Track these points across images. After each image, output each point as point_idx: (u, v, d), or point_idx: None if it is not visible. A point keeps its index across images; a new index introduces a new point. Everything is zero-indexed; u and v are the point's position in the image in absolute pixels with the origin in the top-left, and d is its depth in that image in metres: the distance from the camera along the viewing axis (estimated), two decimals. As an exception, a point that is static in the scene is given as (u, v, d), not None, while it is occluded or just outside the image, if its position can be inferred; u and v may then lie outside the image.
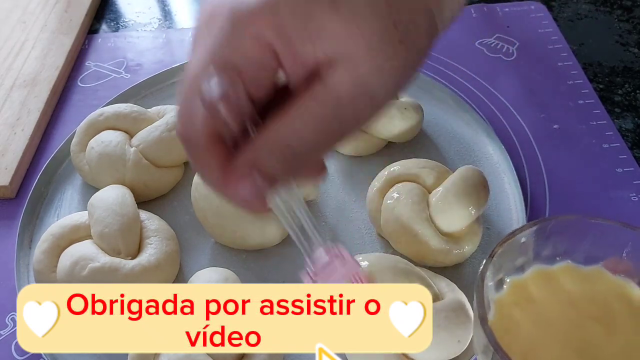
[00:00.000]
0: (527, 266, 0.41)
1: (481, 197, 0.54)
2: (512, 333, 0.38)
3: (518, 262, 0.41)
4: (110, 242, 0.53)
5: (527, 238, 0.40)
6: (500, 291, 0.40)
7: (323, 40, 0.29)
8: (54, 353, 0.51)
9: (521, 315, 0.39)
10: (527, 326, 0.38)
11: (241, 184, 0.31)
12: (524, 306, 0.39)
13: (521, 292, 0.40)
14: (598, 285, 0.40)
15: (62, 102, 0.76)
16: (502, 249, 0.39)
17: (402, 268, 0.49)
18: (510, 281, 0.41)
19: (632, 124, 0.69)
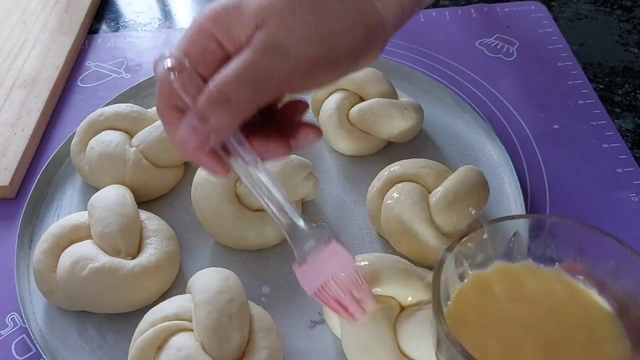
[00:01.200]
0: (489, 262, 0.42)
1: (481, 197, 0.54)
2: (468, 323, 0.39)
3: (480, 258, 0.42)
4: (110, 242, 0.53)
5: (488, 235, 0.42)
6: (462, 283, 0.41)
7: (250, 20, 0.37)
8: (53, 353, 0.51)
9: (478, 306, 0.40)
10: (482, 316, 0.40)
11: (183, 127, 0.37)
12: (482, 299, 0.41)
13: (482, 285, 0.41)
14: (554, 284, 0.41)
15: (62, 102, 0.76)
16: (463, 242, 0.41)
17: (402, 268, 0.49)
18: (473, 274, 0.42)
19: (632, 124, 0.69)
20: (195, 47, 0.39)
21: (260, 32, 0.37)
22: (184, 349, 0.45)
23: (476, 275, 0.42)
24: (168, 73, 0.38)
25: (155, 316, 0.48)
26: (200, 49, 0.39)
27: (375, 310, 0.47)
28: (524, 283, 0.42)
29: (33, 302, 0.55)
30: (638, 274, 0.38)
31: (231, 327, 0.46)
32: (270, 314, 0.50)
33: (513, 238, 0.42)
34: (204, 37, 0.39)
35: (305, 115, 0.42)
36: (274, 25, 0.36)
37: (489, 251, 0.42)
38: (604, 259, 0.40)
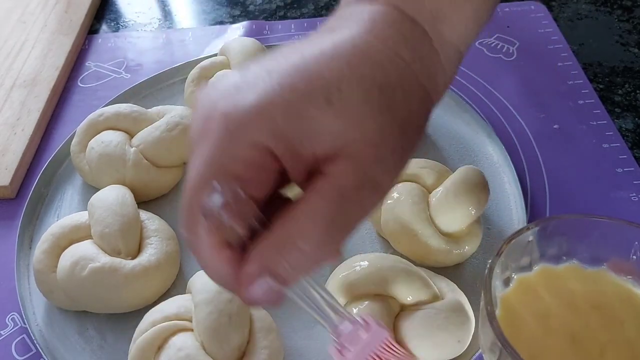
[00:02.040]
0: (534, 264, 0.41)
1: (481, 197, 0.54)
2: (518, 330, 0.38)
3: (524, 260, 0.41)
4: (111, 242, 0.53)
5: (533, 236, 0.40)
6: (506, 288, 0.40)
7: (321, 137, 0.30)
8: (53, 353, 0.51)
9: (526, 313, 0.39)
10: (533, 324, 0.39)
11: (254, 287, 0.31)
12: (529, 303, 0.40)
13: (527, 289, 0.40)
14: (602, 287, 0.40)
15: (62, 102, 0.76)
16: (509, 247, 0.39)
17: (402, 268, 0.49)
18: (516, 278, 0.41)
19: (632, 124, 0.69)
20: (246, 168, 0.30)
21: (343, 163, 0.30)
22: (184, 349, 0.45)
23: (520, 279, 0.40)
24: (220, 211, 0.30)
25: (155, 316, 0.48)
26: (254, 170, 0.31)
27: (375, 310, 0.47)
28: (570, 286, 0.40)
29: (33, 302, 0.55)
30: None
31: (231, 327, 0.46)
32: (270, 313, 0.50)
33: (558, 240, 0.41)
34: (255, 152, 0.30)
35: None
36: (361, 155, 0.30)
37: (535, 253, 0.41)
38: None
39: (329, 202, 0.30)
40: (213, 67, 0.70)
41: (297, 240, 0.30)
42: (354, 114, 0.30)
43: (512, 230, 0.58)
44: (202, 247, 0.32)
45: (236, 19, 0.89)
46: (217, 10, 0.91)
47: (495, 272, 0.38)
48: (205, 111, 0.31)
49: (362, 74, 0.31)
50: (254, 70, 0.32)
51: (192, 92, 0.69)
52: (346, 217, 0.31)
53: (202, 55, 0.79)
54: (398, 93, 0.31)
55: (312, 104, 0.30)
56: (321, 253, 0.31)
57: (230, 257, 0.32)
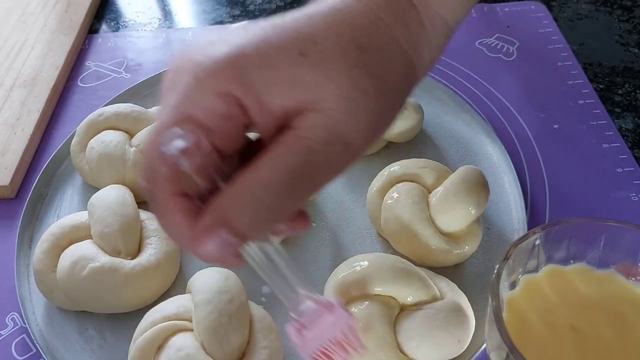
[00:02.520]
0: (541, 266, 0.41)
1: (481, 197, 0.54)
2: (524, 331, 0.38)
3: (531, 264, 0.41)
4: (110, 242, 0.53)
5: (540, 240, 0.40)
6: (512, 290, 0.40)
7: (291, 89, 0.29)
8: (53, 353, 0.51)
9: (533, 314, 0.39)
10: (539, 326, 0.38)
11: (208, 241, 0.29)
12: (536, 305, 0.39)
13: (534, 290, 0.40)
14: (610, 289, 0.40)
15: (62, 102, 0.76)
16: (516, 250, 0.39)
17: (402, 268, 0.49)
18: (523, 279, 0.40)
19: (632, 124, 0.69)
20: (212, 116, 0.29)
21: (313, 117, 0.29)
22: (184, 349, 0.45)
23: (527, 280, 0.40)
24: (180, 157, 0.29)
25: (155, 316, 0.48)
26: (221, 119, 0.30)
27: (375, 310, 0.47)
28: (577, 286, 0.40)
29: (33, 302, 0.55)
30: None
31: (231, 327, 0.46)
32: (270, 314, 0.50)
33: (567, 243, 0.41)
34: (223, 102, 0.29)
35: None
36: (332, 108, 0.29)
37: (541, 256, 0.41)
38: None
39: (295, 154, 0.29)
40: (213, 67, 0.70)
41: (256, 191, 0.29)
42: (328, 67, 0.29)
43: (512, 230, 0.58)
44: (159, 195, 0.31)
45: (236, 19, 0.89)
46: (217, 10, 0.91)
47: (503, 277, 0.38)
48: (177, 63, 0.31)
49: (340, 31, 0.30)
50: (231, 29, 0.31)
51: (192, 92, 0.69)
52: (312, 172, 0.29)
53: (202, 55, 0.79)
54: (376, 53, 0.30)
55: (286, 55, 0.29)
56: (281, 207, 0.29)
57: (187, 208, 0.30)
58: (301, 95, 0.29)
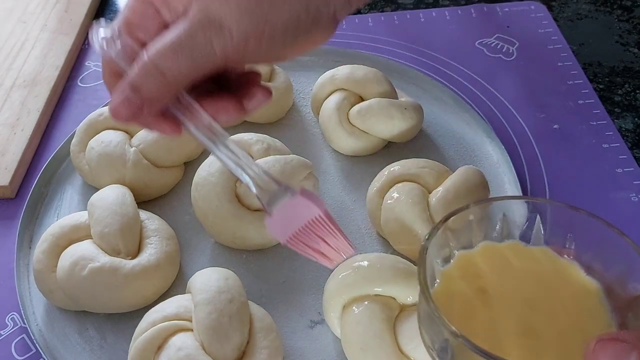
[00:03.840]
0: (476, 242, 0.42)
1: (481, 197, 0.54)
2: (455, 304, 0.38)
3: (465, 238, 0.42)
4: (110, 242, 0.53)
5: (475, 216, 0.41)
6: (447, 264, 0.41)
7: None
8: (53, 353, 0.51)
9: (466, 288, 0.40)
10: (471, 298, 0.39)
11: (115, 97, 0.38)
12: (470, 279, 0.40)
13: (467, 263, 0.41)
14: (543, 265, 0.41)
15: (62, 102, 0.76)
16: (447, 224, 0.40)
17: (402, 268, 0.49)
18: (458, 254, 0.41)
19: (632, 124, 0.69)
20: (134, 14, 0.39)
21: (196, 4, 0.37)
22: (184, 349, 0.45)
23: (461, 255, 0.41)
24: (102, 42, 0.39)
25: (155, 316, 0.48)
26: (138, 16, 0.39)
27: (375, 310, 0.47)
28: (510, 260, 0.41)
29: (33, 302, 0.55)
30: (625, 256, 0.38)
31: (231, 327, 0.46)
32: (270, 314, 0.50)
33: (500, 220, 0.42)
34: (142, 4, 0.39)
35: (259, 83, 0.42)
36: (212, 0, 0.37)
37: (476, 232, 0.42)
38: (592, 242, 0.40)
39: (178, 30, 0.37)
40: (213, 67, 0.70)
41: (152, 58, 0.37)
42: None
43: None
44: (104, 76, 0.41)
45: (236, 19, 0.88)
46: (217, 10, 0.91)
47: (431, 249, 0.39)
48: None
49: None
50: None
51: (192, 92, 0.69)
52: (192, 45, 0.37)
53: (202, 55, 0.79)
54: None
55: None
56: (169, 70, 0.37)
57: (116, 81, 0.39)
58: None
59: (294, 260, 0.57)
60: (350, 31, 0.83)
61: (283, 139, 0.63)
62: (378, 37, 0.82)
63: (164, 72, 0.37)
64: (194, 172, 0.59)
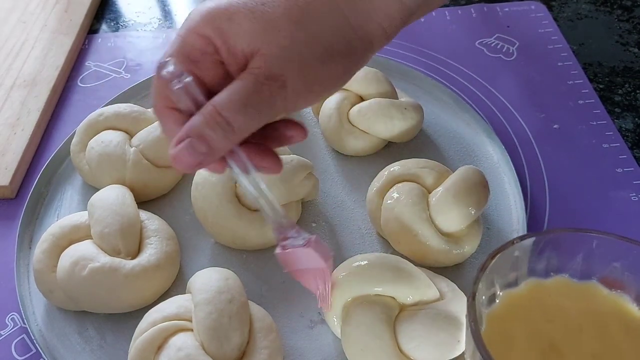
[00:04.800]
0: (521, 280, 0.40)
1: (481, 197, 0.54)
2: (505, 348, 0.37)
3: (511, 276, 0.40)
4: (110, 242, 0.53)
5: (519, 252, 0.39)
6: (492, 305, 0.39)
7: (243, 36, 0.39)
8: (53, 353, 0.51)
9: (514, 330, 0.38)
10: (520, 342, 0.38)
11: (179, 146, 0.38)
12: (517, 320, 0.39)
13: (515, 305, 0.39)
14: (593, 301, 0.40)
15: (62, 102, 0.76)
16: (494, 262, 0.38)
17: (402, 268, 0.49)
18: (503, 294, 0.40)
19: (632, 124, 0.69)
20: (193, 50, 0.40)
21: (259, 58, 0.38)
22: (184, 349, 0.45)
23: (507, 294, 0.40)
24: (171, 79, 0.39)
25: (155, 316, 0.48)
26: (198, 52, 0.40)
27: (375, 310, 0.47)
28: (558, 300, 0.40)
29: (33, 302, 0.55)
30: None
31: (231, 327, 0.46)
32: (270, 314, 0.50)
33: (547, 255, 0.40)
34: (202, 41, 0.40)
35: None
36: (271, 53, 0.38)
37: (522, 269, 0.40)
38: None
39: (245, 83, 0.38)
40: (213, 67, 0.70)
41: (218, 107, 0.38)
42: (270, 22, 0.38)
43: (512, 230, 0.58)
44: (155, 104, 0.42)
45: (236, 19, 0.88)
46: (217, 10, 0.91)
47: (480, 289, 0.37)
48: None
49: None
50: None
51: (192, 92, 0.69)
52: (259, 98, 0.38)
53: (202, 55, 0.79)
54: (312, 12, 0.39)
55: (241, 13, 0.39)
56: (237, 122, 0.38)
57: (174, 117, 0.40)
58: (253, 43, 0.39)
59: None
60: (350, 31, 0.83)
61: (283, 139, 0.63)
62: (378, 37, 0.82)
63: (232, 125, 0.38)
64: (194, 172, 0.59)
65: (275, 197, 0.44)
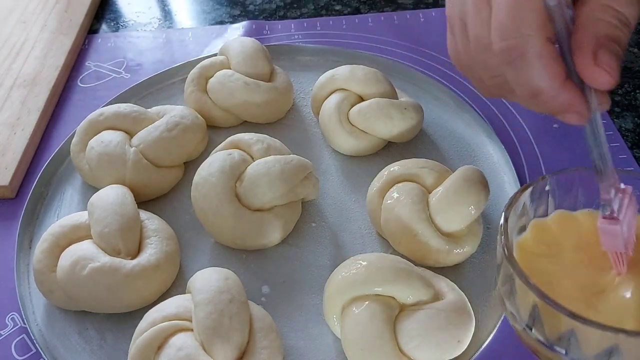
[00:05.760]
0: (550, 212, 0.43)
1: (481, 197, 0.54)
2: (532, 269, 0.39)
3: (541, 209, 0.43)
4: (110, 242, 0.53)
5: (550, 186, 0.42)
6: (521, 234, 0.42)
7: None
8: (53, 353, 0.51)
9: (542, 254, 0.41)
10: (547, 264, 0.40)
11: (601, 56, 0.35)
12: (544, 245, 0.41)
13: (542, 231, 0.42)
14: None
15: (62, 102, 0.76)
16: (524, 195, 0.41)
17: (402, 268, 0.49)
18: (532, 222, 0.42)
19: (632, 124, 0.69)
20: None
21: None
22: (184, 349, 0.45)
23: (536, 223, 0.43)
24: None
25: (155, 316, 0.48)
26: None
27: (375, 310, 0.47)
28: (585, 225, 0.42)
29: (33, 302, 0.55)
30: None
31: (231, 327, 0.46)
32: (270, 314, 0.50)
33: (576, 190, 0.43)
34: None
35: None
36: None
37: (550, 202, 0.43)
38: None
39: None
40: (213, 66, 0.70)
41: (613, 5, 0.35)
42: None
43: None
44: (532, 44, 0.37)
45: (236, 19, 0.89)
46: (217, 10, 0.91)
47: (511, 218, 0.40)
48: None
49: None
50: None
51: (192, 91, 0.69)
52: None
53: (202, 55, 0.79)
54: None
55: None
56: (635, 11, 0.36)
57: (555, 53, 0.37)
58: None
59: (294, 260, 0.57)
60: (350, 31, 0.83)
61: (283, 139, 0.63)
62: (378, 37, 0.82)
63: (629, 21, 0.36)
64: (194, 172, 0.59)
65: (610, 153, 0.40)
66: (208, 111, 0.68)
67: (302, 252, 0.58)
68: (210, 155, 0.60)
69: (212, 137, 0.68)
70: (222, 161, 0.57)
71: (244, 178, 0.57)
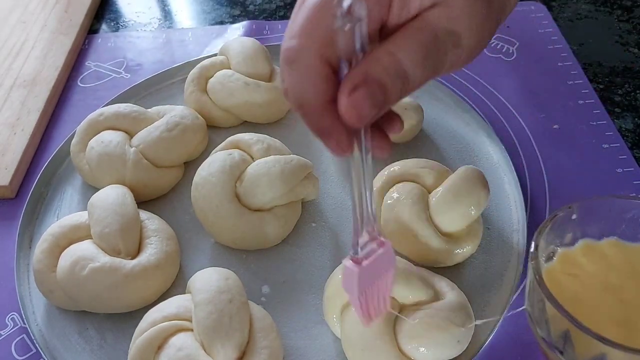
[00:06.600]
0: (576, 241, 0.44)
1: (481, 197, 0.54)
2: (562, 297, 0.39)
3: (567, 237, 0.44)
4: (110, 242, 0.53)
5: (577, 214, 0.43)
6: (549, 262, 0.43)
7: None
8: (53, 353, 0.51)
9: (569, 284, 0.42)
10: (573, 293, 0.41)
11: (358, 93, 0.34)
12: (571, 276, 0.42)
13: (570, 262, 0.43)
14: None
15: (62, 102, 0.76)
16: (553, 223, 0.42)
17: (402, 268, 0.49)
18: (560, 252, 0.43)
19: (632, 124, 0.69)
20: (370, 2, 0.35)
21: (443, 10, 0.36)
22: (184, 349, 0.45)
23: (563, 253, 0.43)
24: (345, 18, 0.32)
25: (155, 316, 0.48)
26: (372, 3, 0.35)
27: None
28: (610, 256, 0.43)
29: (33, 302, 0.55)
30: None
31: (231, 327, 0.46)
32: (270, 314, 0.50)
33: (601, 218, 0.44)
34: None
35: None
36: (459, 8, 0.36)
37: (576, 231, 0.44)
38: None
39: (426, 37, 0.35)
40: (213, 66, 0.70)
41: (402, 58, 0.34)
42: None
43: (512, 230, 0.58)
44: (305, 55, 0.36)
45: (236, 19, 0.89)
46: (217, 10, 0.91)
47: (541, 246, 0.41)
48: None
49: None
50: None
51: (192, 92, 0.69)
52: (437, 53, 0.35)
53: (202, 55, 0.79)
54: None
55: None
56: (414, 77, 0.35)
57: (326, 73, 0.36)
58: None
59: (294, 260, 0.57)
60: (350, 31, 0.83)
61: (283, 139, 0.63)
62: (378, 37, 0.82)
63: (408, 78, 0.35)
64: (194, 172, 0.59)
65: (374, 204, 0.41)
66: (208, 111, 0.68)
67: (302, 252, 0.58)
68: (210, 155, 0.60)
69: (212, 137, 0.68)
70: (222, 161, 0.57)
71: (244, 178, 0.57)
